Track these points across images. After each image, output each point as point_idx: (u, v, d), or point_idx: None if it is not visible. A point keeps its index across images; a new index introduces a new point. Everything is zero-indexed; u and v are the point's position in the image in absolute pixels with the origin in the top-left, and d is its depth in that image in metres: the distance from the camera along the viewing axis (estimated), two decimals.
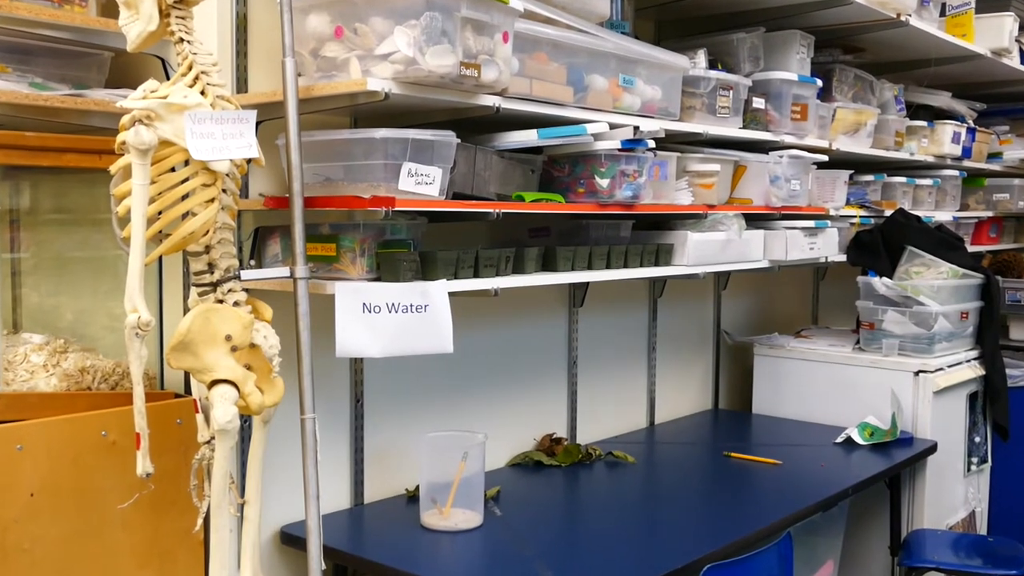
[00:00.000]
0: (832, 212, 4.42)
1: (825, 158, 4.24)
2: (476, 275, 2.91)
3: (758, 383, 4.70)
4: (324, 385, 3.13)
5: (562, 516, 3.22)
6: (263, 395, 2.38)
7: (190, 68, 2.36)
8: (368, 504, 3.28)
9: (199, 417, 2.46)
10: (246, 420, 2.81)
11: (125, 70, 2.91)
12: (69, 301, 3.09)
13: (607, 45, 3.20)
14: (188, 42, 2.36)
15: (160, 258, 2.69)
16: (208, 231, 2.34)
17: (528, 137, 3.02)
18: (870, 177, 4.87)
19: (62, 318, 3.10)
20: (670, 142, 3.58)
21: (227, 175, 2.36)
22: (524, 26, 2.90)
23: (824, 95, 4.37)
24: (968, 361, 4.59)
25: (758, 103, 3.92)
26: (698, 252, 3.63)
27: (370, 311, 2.63)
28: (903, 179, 5.07)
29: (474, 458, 3.08)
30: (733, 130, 3.81)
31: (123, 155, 2.26)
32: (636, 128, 3.22)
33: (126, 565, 2.57)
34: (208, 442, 2.43)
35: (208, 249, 2.37)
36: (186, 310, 2.58)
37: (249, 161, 2.45)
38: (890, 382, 4.30)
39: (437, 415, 3.53)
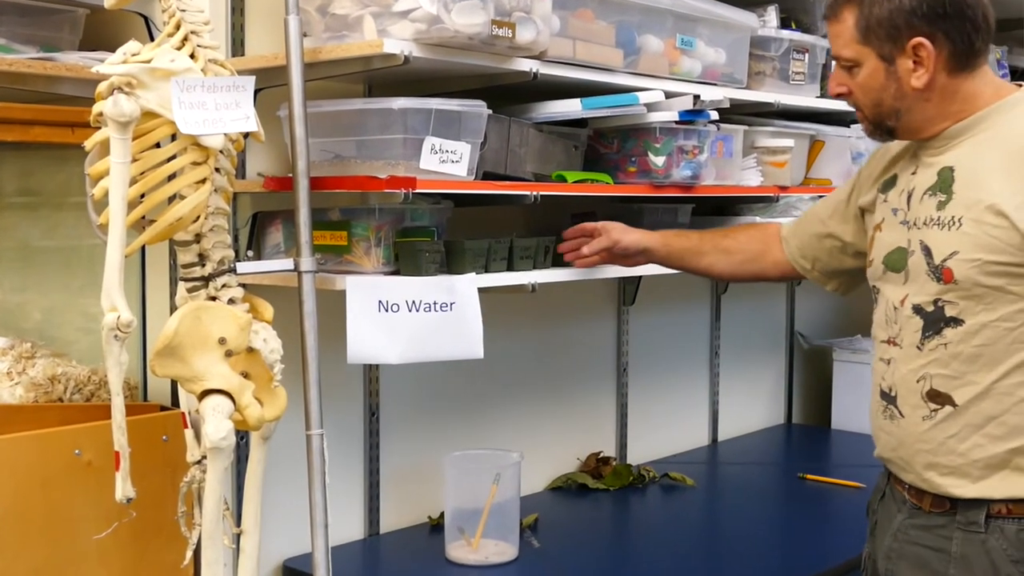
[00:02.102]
0: None
1: None
2: (510, 268, 2.92)
3: (838, 394, 4.69)
4: (334, 396, 3.11)
5: (610, 548, 3.21)
6: (262, 408, 2.37)
7: (178, 27, 2.35)
8: (385, 534, 3.28)
9: (188, 433, 2.45)
10: (243, 437, 2.82)
11: (102, 30, 2.91)
12: (36, 298, 3.10)
13: (663, 0, 3.19)
14: None
15: (143, 248, 2.68)
16: (199, 217, 2.33)
17: (571, 108, 3.02)
18: None
19: (28, 318, 3.11)
20: (736, 113, 3.57)
21: (221, 152, 2.35)
22: None
23: None
24: None
25: None
26: None
27: (387, 310, 2.63)
28: None
29: (508, 481, 3.08)
30: (809, 99, 3.80)
31: (100, 128, 2.25)
32: (696, 97, 3.21)
33: None
34: (199, 462, 2.42)
35: (199, 238, 2.36)
36: (173, 309, 2.59)
37: (246, 136, 2.45)
38: None
39: (464, 431, 3.54)
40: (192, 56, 2.32)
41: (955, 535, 2.28)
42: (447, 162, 2.67)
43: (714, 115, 3.27)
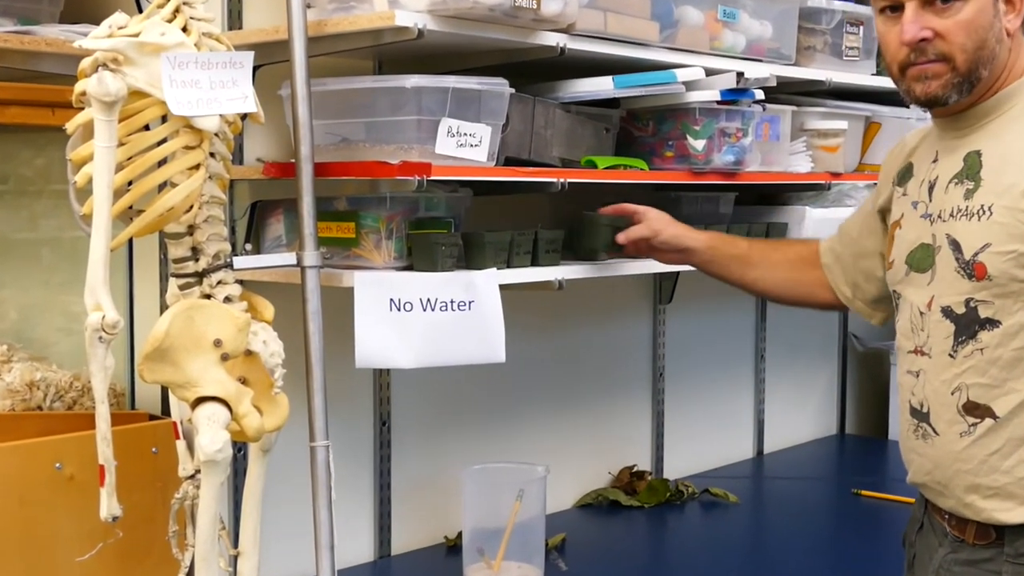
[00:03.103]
0: None
1: None
2: (535, 263, 2.92)
3: (896, 401, 4.64)
4: (340, 404, 3.10)
5: (644, 572, 3.22)
6: (262, 417, 2.36)
7: None
8: (397, 556, 3.30)
9: (180, 445, 2.45)
10: (240, 449, 2.83)
11: (85, 0, 2.92)
12: (13, 295, 3.12)
13: None
14: None
15: (131, 241, 2.68)
16: (192, 206, 2.33)
17: (602, 86, 3.02)
18: None
19: (4, 318, 3.12)
20: (783, 92, 3.58)
21: (216, 135, 2.34)
22: None
23: None
24: None
25: None
26: (819, 233, 3.58)
27: (399, 309, 2.63)
28: None
29: (532, 497, 3.08)
30: (864, 77, 3.81)
31: (83, 109, 2.24)
32: (740, 75, 3.22)
33: None
34: (192, 477, 2.42)
35: (192, 230, 2.36)
36: (163, 308, 2.57)
37: (244, 117, 2.43)
38: None
39: (484, 442, 3.55)
40: (184, 29, 2.31)
41: (1004, 569, 2.20)
42: (465, 146, 2.67)
43: (759, 94, 3.26)
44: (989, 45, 2.21)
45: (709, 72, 3.16)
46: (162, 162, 2.28)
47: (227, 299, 2.37)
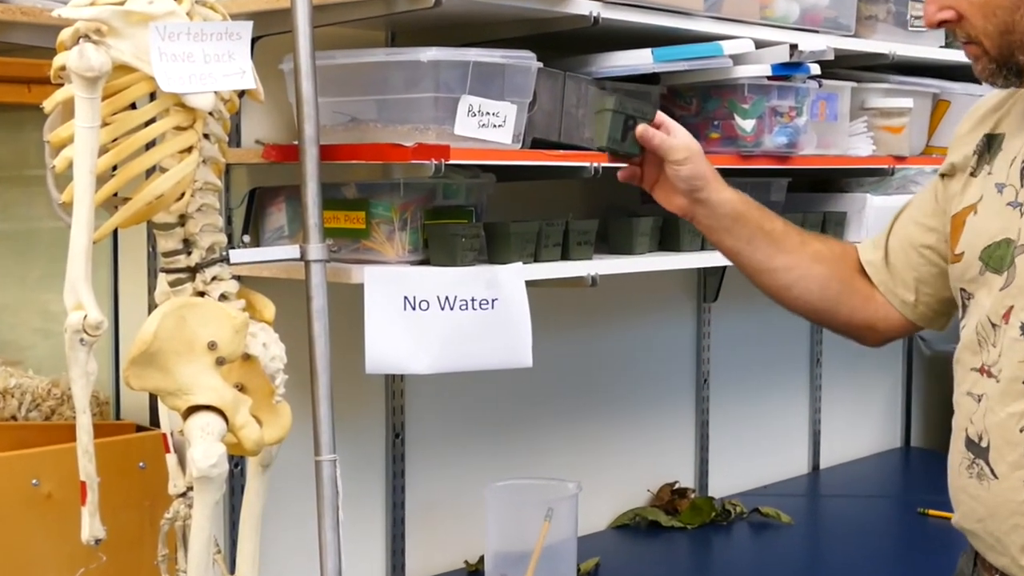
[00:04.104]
0: None
1: None
2: (565, 256, 2.93)
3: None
4: (349, 414, 3.13)
5: None
6: (261, 428, 2.36)
7: None
8: None
9: (171, 459, 2.46)
10: (237, 463, 2.84)
11: None
12: None
13: None
14: None
15: (115, 233, 2.70)
16: (183, 194, 2.33)
17: (640, 60, 3.01)
18: None
19: None
20: (842, 67, 3.58)
21: (211, 114, 2.34)
22: None
23: None
24: None
25: None
26: (881, 223, 3.57)
27: (414, 308, 2.63)
28: None
29: (562, 517, 3.09)
30: (932, 49, 3.81)
31: (62, 86, 2.25)
32: (793, 47, 3.22)
33: None
34: (183, 495, 2.43)
35: (183, 220, 2.36)
36: (152, 307, 2.57)
37: (242, 94, 2.43)
38: None
39: (509, 456, 3.56)
40: None
41: None
42: (488, 126, 2.67)
43: (815, 69, 3.27)
44: (1019, 27, 2.05)
45: (759, 44, 3.16)
46: (150, 144, 2.28)
47: (223, 297, 2.37)
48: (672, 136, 2.41)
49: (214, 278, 2.37)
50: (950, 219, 2.24)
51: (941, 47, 3.82)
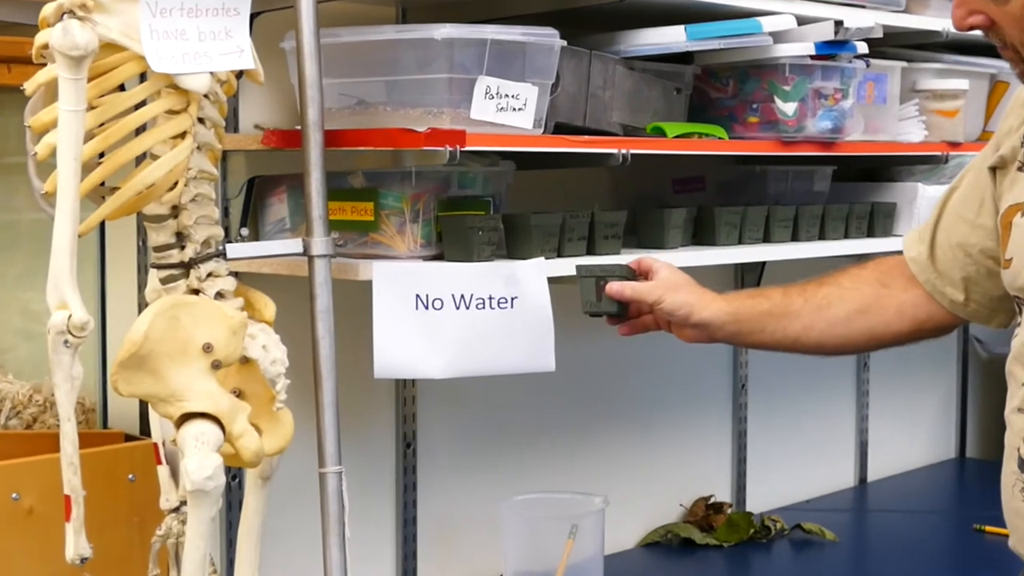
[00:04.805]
0: None
1: None
2: (591, 251, 2.93)
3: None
4: (356, 422, 3.13)
5: None
6: (261, 437, 2.36)
7: None
8: None
9: (163, 471, 2.47)
10: (235, 476, 2.85)
11: None
12: None
13: None
14: None
15: (103, 225, 2.69)
16: (176, 183, 2.33)
17: (672, 38, 3.02)
18: None
19: None
20: (891, 46, 3.59)
21: (206, 97, 2.35)
22: None
23: None
24: None
25: None
26: None
27: (427, 306, 2.63)
28: None
29: (588, 534, 3.09)
30: None
31: (45, 65, 2.24)
32: (838, 24, 3.22)
33: None
34: (176, 510, 2.44)
35: (177, 211, 2.37)
36: (142, 306, 2.57)
37: (240, 75, 2.44)
38: None
39: (529, 469, 3.56)
40: None
41: None
42: (507, 110, 2.67)
43: (862, 47, 3.26)
44: None
45: (801, 21, 3.16)
46: (140, 129, 2.29)
47: (219, 295, 2.38)
48: (652, 275, 2.55)
49: (210, 275, 2.38)
50: (999, 218, 2.22)
51: None
